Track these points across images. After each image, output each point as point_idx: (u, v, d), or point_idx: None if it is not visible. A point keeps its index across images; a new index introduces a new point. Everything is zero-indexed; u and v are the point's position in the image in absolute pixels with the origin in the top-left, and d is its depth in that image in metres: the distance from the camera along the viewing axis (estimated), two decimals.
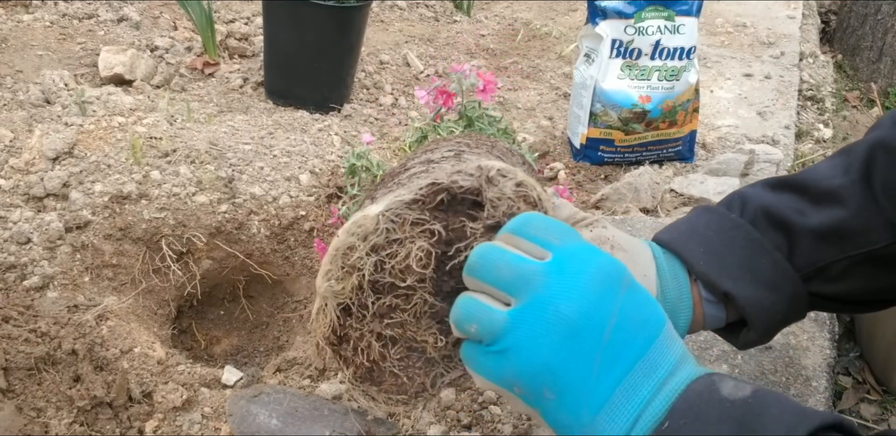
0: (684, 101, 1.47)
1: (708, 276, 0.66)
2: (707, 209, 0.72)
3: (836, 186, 0.68)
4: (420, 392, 0.62)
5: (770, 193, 0.71)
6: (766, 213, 0.69)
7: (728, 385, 0.47)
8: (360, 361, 0.60)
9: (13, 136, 1.36)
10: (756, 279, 0.66)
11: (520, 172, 0.56)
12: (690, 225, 0.70)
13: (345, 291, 0.57)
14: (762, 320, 0.67)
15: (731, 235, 0.67)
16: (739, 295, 0.66)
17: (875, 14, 2.17)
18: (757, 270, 0.66)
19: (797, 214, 0.68)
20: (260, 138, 1.44)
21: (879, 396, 1.11)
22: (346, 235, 0.54)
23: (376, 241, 0.54)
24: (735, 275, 0.66)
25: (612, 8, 1.41)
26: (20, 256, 1.16)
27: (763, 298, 0.66)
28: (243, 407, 0.99)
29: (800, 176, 0.71)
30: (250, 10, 1.94)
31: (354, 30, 1.55)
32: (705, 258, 0.67)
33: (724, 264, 0.66)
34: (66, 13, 1.82)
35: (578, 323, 0.46)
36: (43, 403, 0.99)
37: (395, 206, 0.54)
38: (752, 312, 0.66)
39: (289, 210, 1.32)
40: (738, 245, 0.67)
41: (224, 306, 1.40)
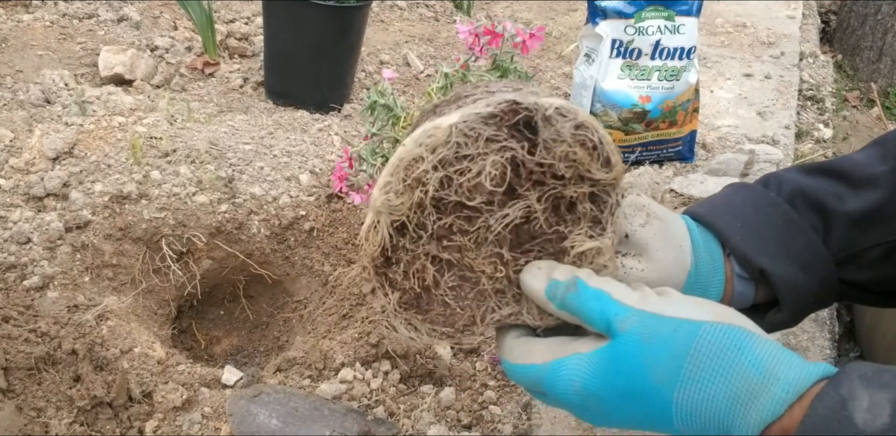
0: (684, 101, 1.47)
1: (744, 251, 0.64)
2: (744, 185, 0.71)
3: (873, 173, 0.67)
4: (468, 326, 0.57)
5: (806, 176, 0.69)
6: (804, 194, 0.67)
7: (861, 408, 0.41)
8: (408, 285, 0.56)
9: (13, 135, 1.36)
10: (791, 258, 0.64)
11: (581, 112, 0.52)
12: (726, 200, 0.69)
13: (402, 208, 0.52)
14: (794, 301, 0.65)
15: (768, 212, 0.66)
16: (775, 272, 0.64)
17: (875, 14, 2.17)
18: (793, 249, 0.65)
19: (835, 197, 0.67)
20: (260, 138, 1.44)
21: None
22: (414, 144, 0.50)
23: (445, 154, 0.50)
24: (771, 252, 0.64)
25: (612, 8, 1.41)
26: (20, 256, 1.16)
27: (797, 278, 0.64)
28: (243, 407, 0.99)
29: (835, 162, 0.70)
30: (250, 9, 1.94)
31: (354, 30, 1.55)
32: (742, 233, 0.65)
33: (760, 240, 0.64)
34: (66, 13, 1.82)
35: None
36: (43, 403, 0.99)
37: (470, 119, 0.50)
38: (785, 291, 0.64)
39: (289, 210, 1.32)
40: (776, 223, 0.65)
41: (224, 306, 1.40)
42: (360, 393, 1.03)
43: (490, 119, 0.51)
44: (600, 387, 0.49)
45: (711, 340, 0.47)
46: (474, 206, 0.52)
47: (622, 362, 0.49)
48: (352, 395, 1.02)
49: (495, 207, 0.53)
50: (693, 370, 0.47)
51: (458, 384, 1.07)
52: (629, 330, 0.49)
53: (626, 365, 0.48)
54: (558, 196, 0.54)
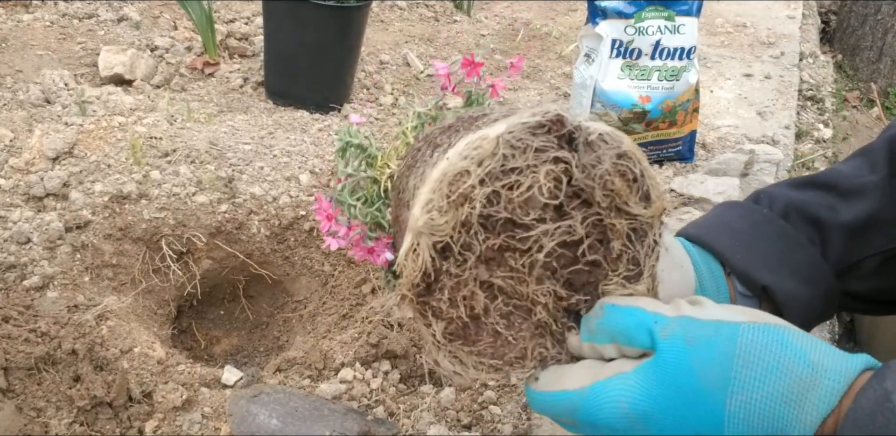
0: (684, 101, 1.47)
1: (745, 268, 0.63)
2: (735, 204, 0.70)
3: (863, 183, 0.67)
4: (519, 359, 0.52)
5: (796, 190, 0.69)
6: (796, 208, 0.67)
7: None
8: (455, 314, 0.50)
9: (13, 135, 1.36)
10: (793, 273, 0.63)
11: (626, 140, 0.49)
12: (720, 219, 0.68)
13: (446, 227, 0.48)
14: (799, 315, 0.64)
15: (764, 228, 0.65)
16: (778, 288, 0.63)
17: (875, 14, 2.17)
18: (793, 263, 0.64)
19: (828, 209, 0.66)
20: (260, 138, 1.44)
21: None
22: (458, 157, 0.46)
23: (493, 167, 0.46)
24: (773, 268, 0.63)
25: (613, 8, 1.41)
26: (20, 255, 1.16)
27: (801, 293, 0.63)
28: (243, 407, 0.99)
29: (823, 175, 0.70)
30: (250, 9, 1.94)
31: (354, 30, 1.55)
32: (741, 251, 0.64)
33: (760, 257, 0.63)
34: (66, 13, 1.82)
35: None
36: (43, 403, 0.99)
37: (517, 129, 0.46)
38: (789, 306, 0.63)
39: (289, 210, 1.32)
40: (773, 239, 0.64)
41: (224, 306, 1.40)
42: (360, 393, 1.03)
43: (538, 129, 0.47)
44: (651, 404, 0.46)
45: (753, 338, 0.46)
46: (525, 223, 0.48)
47: (671, 370, 0.46)
48: (352, 395, 1.02)
49: (548, 223, 0.49)
50: (743, 371, 0.45)
51: (457, 384, 1.07)
52: (671, 335, 0.47)
53: (675, 372, 0.46)
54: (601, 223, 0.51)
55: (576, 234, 0.49)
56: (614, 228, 0.50)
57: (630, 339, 0.48)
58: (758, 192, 0.71)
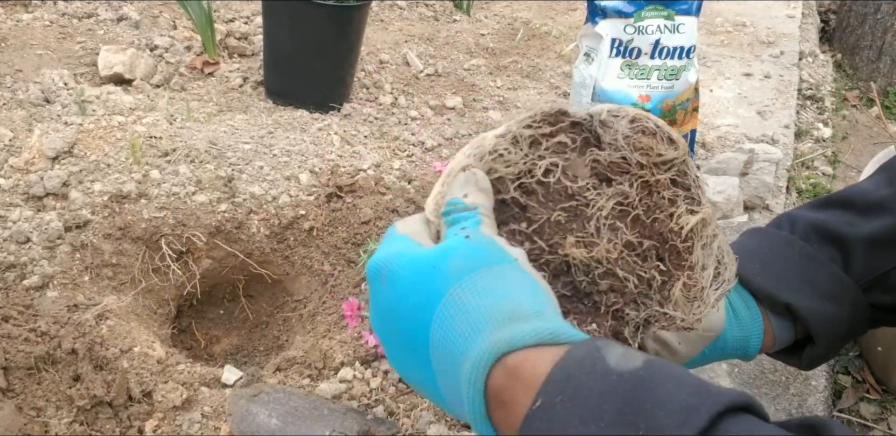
0: (684, 100, 1.47)
1: (766, 289, 0.65)
2: (756, 230, 0.71)
3: (881, 197, 0.67)
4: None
5: (816, 211, 0.70)
6: (816, 228, 0.68)
7: (615, 353, 0.40)
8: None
9: (13, 135, 1.36)
10: (816, 292, 0.65)
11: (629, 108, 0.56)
12: (741, 246, 0.70)
13: None
14: (827, 333, 0.65)
15: (784, 250, 0.67)
16: (802, 307, 0.64)
17: (874, 13, 2.17)
18: (816, 282, 0.65)
19: (848, 226, 0.67)
20: (260, 138, 1.44)
21: (879, 395, 1.11)
22: (463, 156, 0.53)
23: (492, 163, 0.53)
24: (794, 288, 0.65)
25: (612, 7, 1.41)
26: (20, 255, 1.16)
27: (826, 310, 0.65)
28: (243, 406, 0.99)
29: (843, 193, 0.71)
30: (250, 9, 1.94)
31: (354, 29, 1.55)
32: (762, 274, 0.65)
33: (782, 279, 0.65)
34: (65, 12, 1.82)
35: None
36: (43, 402, 0.99)
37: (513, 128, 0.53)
38: (815, 324, 0.64)
39: (288, 209, 1.32)
40: (794, 260, 0.66)
41: (224, 306, 1.40)
42: (360, 392, 1.03)
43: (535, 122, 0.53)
44: None
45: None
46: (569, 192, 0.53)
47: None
48: (351, 394, 1.02)
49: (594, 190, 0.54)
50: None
51: None
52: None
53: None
54: (647, 183, 0.56)
55: (629, 196, 0.55)
56: (659, 183, 0.56)
57: None
58: (779, 217, 0.72)
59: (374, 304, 0.50)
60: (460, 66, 1.86)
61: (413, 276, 0.47)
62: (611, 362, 0.40)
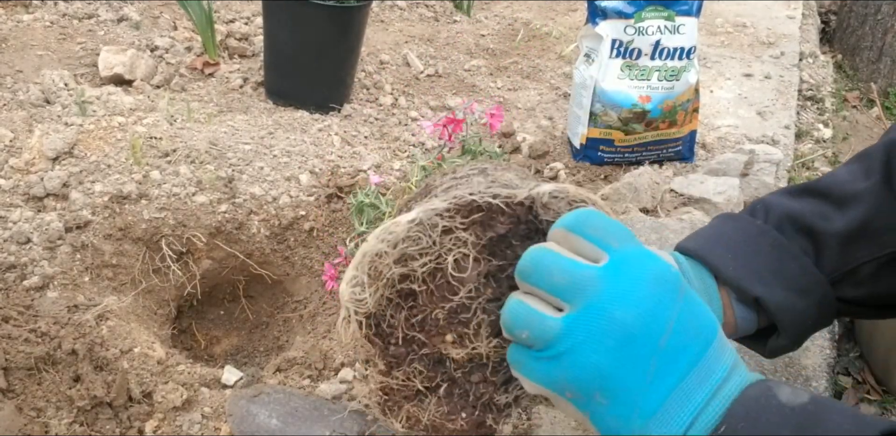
0: (684, 101, 1.47)
1: (738, 281, 0.66)
2: (730, 217, 0.71)
3: (858, 190, 0.67)
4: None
5: (792, 199, 0.70)
6: (791, 219, 0.68)
7: (785, 392, 0.46)
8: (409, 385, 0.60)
9: (13, 136, 1.36)
10: (786, 284, 0.66)
11: (571, 188, 0.54)
12: (716, 232, 0.70)
13: (370, 301, 0.56)
14: (793, 326, 0.67)
15: (757, 240, 0.67)
16: (770, 300, 0.65)
17: (875, 14, 2.17)
18: (786, 274, 0.66)
19: (821, 219, 0.68)
20: (260, 138, 1.44)
21: (879, 396, 1.11)
22: (376, 240, 0.53)
23: (405, 248, 0.53)
24: (765, 280, 0.65)
25: (612, 8, 1.41)
26: (20, 255, 1.16)
27: (794, 303, 0.66)
28: (243, 407, 0.99)
29: (820, 182, 0.71)
30: (250, 9, 1.94)
31: (354, 30, 1.55)
32: (734, 264, 0.66)
33: (753, 269, 0.65)
34: (66, 13, 1.82)
35: (634, 329, 0.45)
36: (43, 403, 0.99)
37: (426, 215, 0.52)
38: (782, 317, 0.66)
39: (289, 210, 1.32)
40: (766, 251, 0.66)
41: (224, 306, 1.40)
42: (360, 393, 1.03)
43: (446, 212, 0.53)
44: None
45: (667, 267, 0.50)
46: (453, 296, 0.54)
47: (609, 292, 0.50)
48: (352, 395, 1.02)
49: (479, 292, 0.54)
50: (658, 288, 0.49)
51: None
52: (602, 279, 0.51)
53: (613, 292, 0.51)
54: None
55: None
56: None
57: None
58: (755, 203, 0.72)
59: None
60: (461, 67, 1.86)
61: None
62: (782, 399, 0.46)
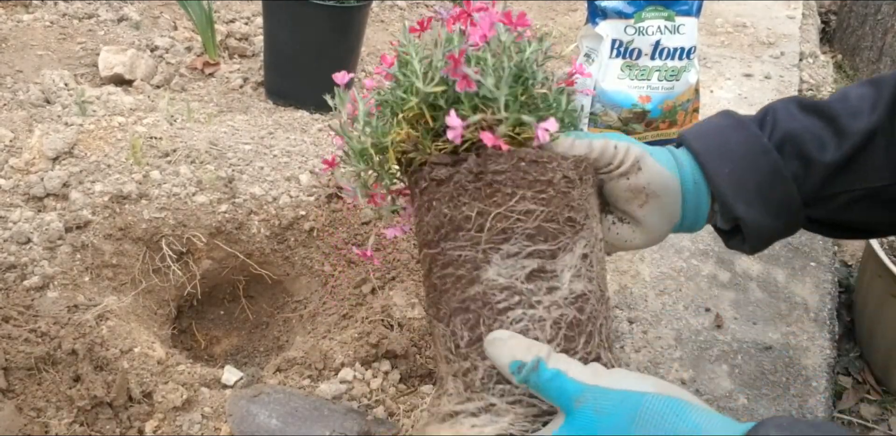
0: (684, 101, 1.47)
1: (725, 197, 0.72)
2: (740, 125, 0.75)
3: (859, 124, 0.71)
4: None
5: (800, 116, 0.74)
6: (792, 140, 0.73)
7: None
8: None
9: (13, 135, 1.36)
10: (767, 208, 0.72)
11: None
12: (721, 139, 0.74)
13: None
14: (759, 240, 0.74)
15: (757, 159, 0.72)
16: (747, 220, 0.72)
17: (875, 14, 2.17)
18: (771, 198, 0.72)
19: (818, 147, 0.72)
20: (260, 138, 1.44)
21: (879, 396, 1.11)
22: None
23: None
24: (750, 201, 0.71)
25: (612, 8, 1.41)
26: (20, 255, 1.16)
27: (768, 224, 0.72)
28: (243, 407, 0.99)
29: (830, 104, 0.74)
30: (250, 9, 1.94)
31: (354, 30, 1.55)
32: (728, 180, 0.72)
33: (742, 188, 0.71)
34: (66, 13, 1.82)
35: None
36: (43, 403, 0.99)
37: None
38: (753, 233, 0.73)
39: (289, 210, 1.32)
40: (761, 171, 0.72)
41: (224, 306, 1.40)
42: (360, 393, 1.03)
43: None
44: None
45: (653, 408, 0.52)
46: None
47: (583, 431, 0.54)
48: (352, 395, 1.02)
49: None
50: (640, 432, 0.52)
51: None
52: (583, 406, 0.54)
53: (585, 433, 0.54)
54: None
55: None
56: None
57: (551, 399, 0.56)
58: (766, 110, 0.76)
59: None
60: None
61: None
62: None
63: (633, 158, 0.70)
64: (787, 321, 1.09)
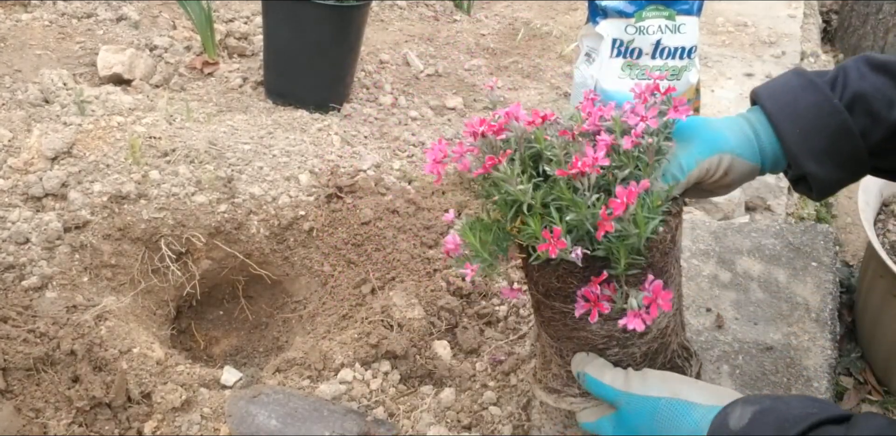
0: (685, 100, 1.47)
1: (796, 157, 0.79)
2: (812, 86, 0.80)
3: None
4: None
5: (870, 74, 0.80)
6: (862, 100, 0.79)
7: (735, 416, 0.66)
8: None
9: (12, 135, 1.36)
10: (835, 161, 0.79)
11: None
12: (793, 100, 0.81)
13: None
14: (827, 191, 0.81)
15: (827, 121, 0.78)
16: (817, 175, 0.79)
17: (876, 13, 2.16)
18: (839, 153, 0.79)
19: (886, 105, 0.78)
20: (259, 138, 1.44)
21: (881, 396, 1.11)
22: None
23: None
24: (818, 158, 0.79)
25: (613, 7, 1.41)
26: (19, 256, 1.15)
27: (836, 177, 0.79)
28: (242, 408, 0.98)
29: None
30: (250, 9, 1.94)
31: (354, 29, 1.54)
32: (798, 139, 0.79)
33: (812, 148, 0.79)
34: (64, 12, 1.81)
35: None
36: (42, 403, 0.99)
37: None
38: (821, 186, 0.80)
39: (288, 210, 1.32)
40: (831, 131, 0.78)
41: (223, 307, 1.40)
42: (360, 394, 1.02)
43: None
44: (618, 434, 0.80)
45: (665, 410, 0.75)
46: None
47: (624, 424, 0.78)
48: (351, 395, 1.02)
49: None
50: (659, 429, 0.74)
51: (457, 385, 1.06)
52: (620, 407, 0.78)
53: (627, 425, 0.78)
54: None
55: None
56: None
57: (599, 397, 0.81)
58: (839, 70, 0.81)
59: None
60: (461, 67, 1.86)
61: None
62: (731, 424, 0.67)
63: (723, 169, 0.80)
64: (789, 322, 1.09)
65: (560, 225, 0.67)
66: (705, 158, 0.79)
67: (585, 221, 0.67)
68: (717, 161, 0.79)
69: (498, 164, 0.69)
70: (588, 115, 0.74)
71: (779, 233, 1.25)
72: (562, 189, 0.67)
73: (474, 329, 1.13)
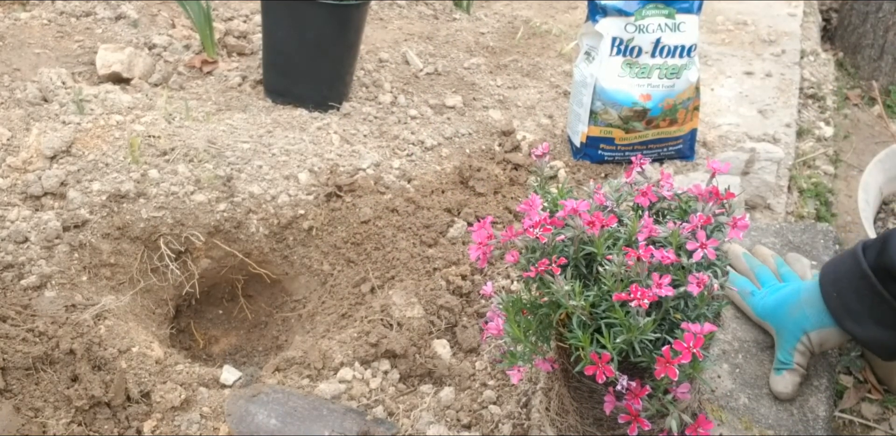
0: (685, 99, 1.47)
1: (836, 319, 0.91)
2: (852, 252, 0.91)
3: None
4: None
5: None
6: (889, 270, 0.86)
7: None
8: None
9: (10, 134, 1.36)
10: (876, 321, 0.88)
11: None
12: (836, 266, 0.93)
13: None
14: (883, 352, 0.90)
15: (859, 283, 0.89)
16: (860, 336, 0.89)
17: (876, 12, 2.16)
18: (877, 314, 0.88)
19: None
20: (259, 137, 1.44)
21: (881, 395, 1.11)
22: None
23: None
24: (857, 319, 0.89)
25: (613, 6, 1.40)
26: (17, 255, 1.15)
27: (881, 336, 0.88)
28: (242, 407, 0.98)
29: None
30: (249, 7, 1.94)
31: (353, 28, 1.54)
32: (836, 302, 0.91)
33: (849, 310, 0.90)
34: (63, 11, 1.81)
35: None
36: (41, 402, 0.99)
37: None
38: (872, 346, 0.90)
39: (287, 209, 1.31)
40: (864, 294, 0.88)
41: (223, 306, 1.40)
42: (360, 393, 1.02)
43: None
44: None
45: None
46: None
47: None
48: (351, 394, 1.02)
49: None
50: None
51: (457, 384, 1.06)
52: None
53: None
54: None
55: None
56: None
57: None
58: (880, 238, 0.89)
59: None
60: (460, 65, 1.85)
61: None
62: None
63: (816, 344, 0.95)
64: None
65: (610, 348, 0.67)
66: (795, 345, 0.95)
67: (634, 342, 0.68)
68: (807, 341, 0.94)
69: (549, 269, 0.69)
70: (644, 227, 0.73)
71: (779, 232, 1.25)
72: (616, 310, 0.68)
73: (474, 328, 1.13)
